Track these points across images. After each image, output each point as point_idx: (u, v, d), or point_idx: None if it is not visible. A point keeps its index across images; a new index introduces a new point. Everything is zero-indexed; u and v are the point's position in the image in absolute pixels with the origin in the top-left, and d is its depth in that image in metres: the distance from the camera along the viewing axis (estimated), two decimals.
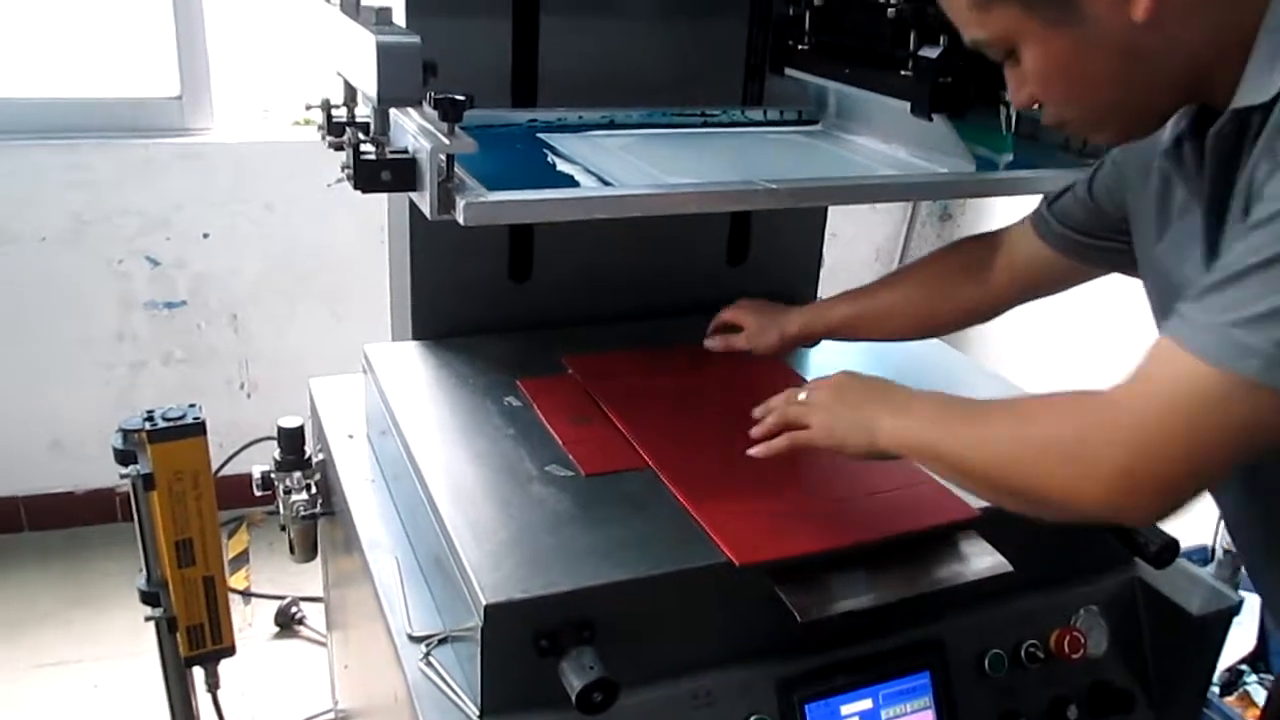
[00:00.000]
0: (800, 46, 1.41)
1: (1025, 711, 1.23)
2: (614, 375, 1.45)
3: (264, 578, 2.97)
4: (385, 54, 0.89)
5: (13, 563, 3.01)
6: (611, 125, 1.47)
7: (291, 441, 1.57)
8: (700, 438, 1.30)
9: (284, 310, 3.13)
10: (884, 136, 1.41)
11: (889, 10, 1.20)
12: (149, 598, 1.45)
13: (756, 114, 1.56)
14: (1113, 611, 1.30)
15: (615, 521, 1.12)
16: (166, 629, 1.46)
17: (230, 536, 3.16)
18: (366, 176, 0.98)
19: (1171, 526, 1.27)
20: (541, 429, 1.30)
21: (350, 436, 1.53)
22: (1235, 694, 2.28)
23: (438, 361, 1.49)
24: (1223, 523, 2.33)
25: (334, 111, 1.13)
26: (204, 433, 1.35)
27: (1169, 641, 1.32)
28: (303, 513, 1.56)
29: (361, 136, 1.02)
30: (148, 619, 1.45)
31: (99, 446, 1.64)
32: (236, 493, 2.08)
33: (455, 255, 1.55)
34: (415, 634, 1.13)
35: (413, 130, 0.99)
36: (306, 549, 1.65)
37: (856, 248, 3.78)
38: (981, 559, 1.15)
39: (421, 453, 1.23)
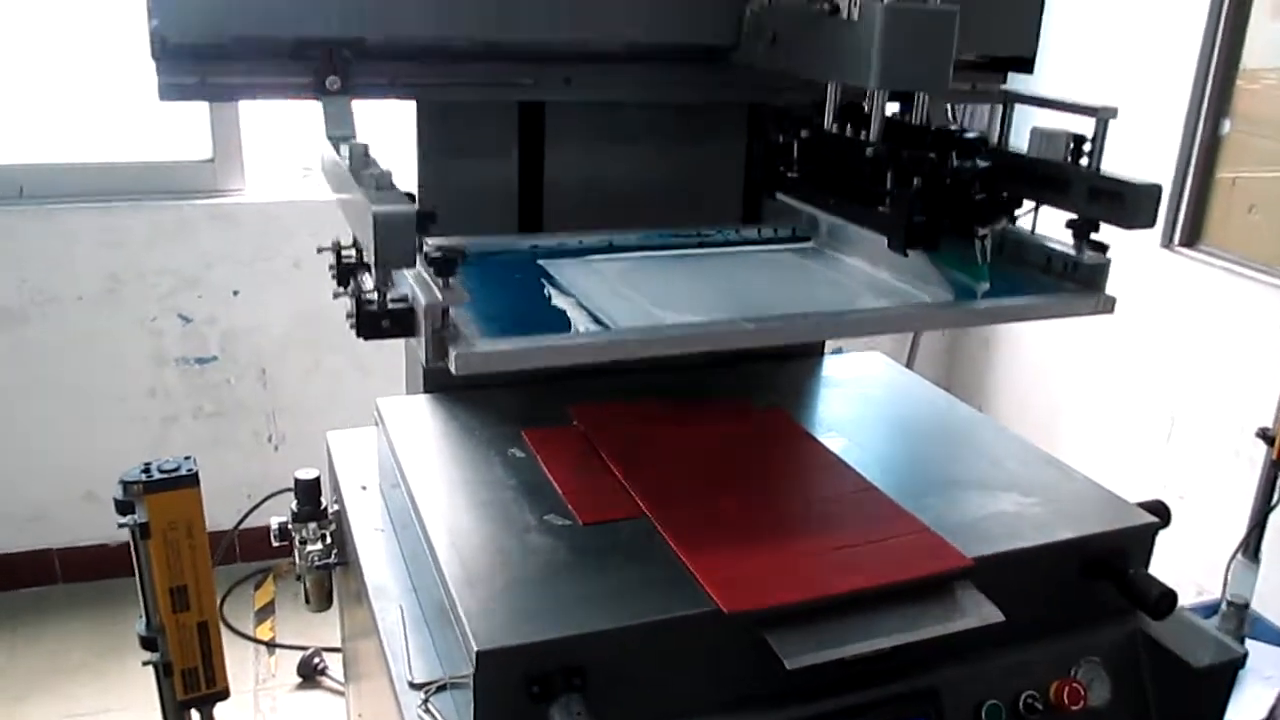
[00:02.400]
0: (790, 174, 1.45)
1: None
2: (618, 426, 1.47)
3: (289, 629, 3.01)
4: (382, 223, 0.95)
5: (47, 613, 3.07)
6: (610, 248, 1.51)
7: (308, 493, 1.61)
8: (699, 487, 1.32)
9: (311, 364, 3.20)
10: (870, 260, 1.46)
11: (867, 150, 1.24)
12: (148, 643, 1.50)
13: (751, 232, 1.60)
14: (1115, 663, 1.29)
15: (608, 570, 1.14)
16: (163, 673, 1.50)
17: (257, 588, 3.21)
18: (368, 324, 1.05)
19: (1175, 581, 1.27)
20: (543, 479, 1.33)
21: (363, 488, 1.57)
22: None
23: (447, 414, 1.53)
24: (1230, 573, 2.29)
25: (344, 252, 1.18)
26: (197, 484, 1.41)
27: (1172, 694, 1.31)
28: (317, 562, 1.60)
29: (365, 283, 1.08)
30: (145, 663, 1.50)
31: None
32: (263, 545, 2.12)
33: None
34: (415, 681, 1.16)
35: (412, 279, 1.06)
36: (321, 599, 1.67)
37: None
38: (975, 609, 1.16)
39: (425, 502, 1.26)
